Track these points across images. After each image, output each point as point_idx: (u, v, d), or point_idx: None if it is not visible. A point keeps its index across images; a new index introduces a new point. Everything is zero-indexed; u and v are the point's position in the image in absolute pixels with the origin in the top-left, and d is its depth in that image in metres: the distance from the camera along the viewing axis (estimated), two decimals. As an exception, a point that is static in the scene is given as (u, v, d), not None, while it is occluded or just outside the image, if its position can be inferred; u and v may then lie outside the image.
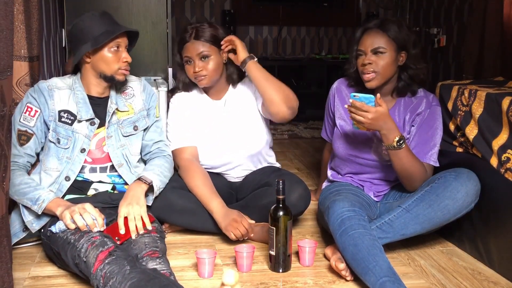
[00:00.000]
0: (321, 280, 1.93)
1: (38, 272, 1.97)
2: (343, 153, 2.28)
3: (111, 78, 2.07)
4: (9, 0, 1.36)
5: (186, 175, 2.28)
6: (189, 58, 2.28)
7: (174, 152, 2.35)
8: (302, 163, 3.72)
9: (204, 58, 2.26)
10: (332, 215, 2.00)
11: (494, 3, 3.40)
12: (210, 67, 2.27)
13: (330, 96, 2.37)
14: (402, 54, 2.14)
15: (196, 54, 2.26)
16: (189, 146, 2.34)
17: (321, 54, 5.76)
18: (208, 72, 2.27)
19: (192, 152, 2.34)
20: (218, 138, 2.37)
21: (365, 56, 2.12)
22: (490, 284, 1.91)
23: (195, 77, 2.29)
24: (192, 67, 2.28)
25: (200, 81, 2.30)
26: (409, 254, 2.15)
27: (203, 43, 2.26)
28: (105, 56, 2.02)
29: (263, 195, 2.26)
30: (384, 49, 2.10)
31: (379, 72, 2.11)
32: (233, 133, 2.37)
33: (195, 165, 2.31)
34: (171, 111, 2.41)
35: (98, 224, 1.86)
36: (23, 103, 2.06)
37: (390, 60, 2.11)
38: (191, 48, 2.27)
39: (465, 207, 2.03)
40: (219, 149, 2.37)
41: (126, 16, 3.01)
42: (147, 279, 1.56)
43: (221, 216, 2.16)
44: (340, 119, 2.30)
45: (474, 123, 2.11)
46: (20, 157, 2.05)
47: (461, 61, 4.06)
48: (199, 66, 2.26)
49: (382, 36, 2.11)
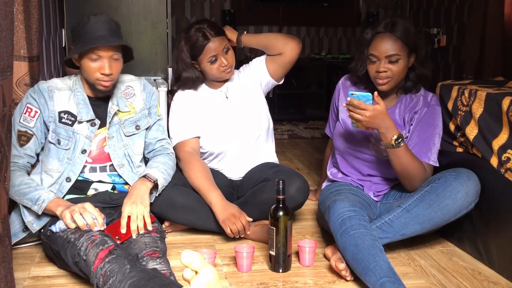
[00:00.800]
0: (321, 280, 1.93)
1: (38, 272, 1.97)
2: (341, 147, 2.29)
3: (93, 85, 2.04)
4: (9, 0, 1.36)
5: (186, 167, 2.30)
6: (214, 56, 2.32)
7: (175, 146, 2.37)
8: (302, 163, 3.72)
9: (227, 51, 2.35)
10: (332, 215, 2.00)
11: (495, 3, 3.40)
12: (231, 57, 2.38)
13: (336, 92, 2.40)
14: (412, 56, 2.14)
15: (222, 50, 2.33)
16: (190, 139, 2.38)
17: (321, 54, 5.76)
18: (232, 63, 2.38)
19: (193, 146, 2.38)
20: (223, 123, 2.42)
21: (379, 62, 2.10)
22: (490, 284, 1.91)
23: (224, 70, 2.35)
24: (218, 63, 2.34)
25: (228, 73, 2.38)
26: (409, 254, 2.15)
27: (222, 38, 2.36)
28: (85, 64, 1.99)
29: (262, 191, 2.27)
30: (399, 56, 2.09)
31: (394, 77, 2.12)
32: (236, 117, 2.43)
33: (195, 158, 2.34)
34: (173, 109, 2.44)
35: (98, 223, 1.86)
36: (23, 104, 2.06)
37: (404, 65, 2.12)
38: (216, 45, 2.32)
39: (465, 207, 2.03)
40: (225, 134, 2.40)
41: (126, 16, 3.01)
42: (147, 278, 1.56)
43: (220, 208, 2.17)
44: (343, 113, 2.31)
45: (474, 123, 2.11)
46: (20, 158, 2.05)
47: (461, 61, 4.06)
48: (226, 59, 2.34)
49: (395, 42, 2.08)
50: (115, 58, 2.01)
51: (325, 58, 5.65)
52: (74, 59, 2.03)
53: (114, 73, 2.01)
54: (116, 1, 3.01)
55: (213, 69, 2.35)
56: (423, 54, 2.16)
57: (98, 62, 1.97)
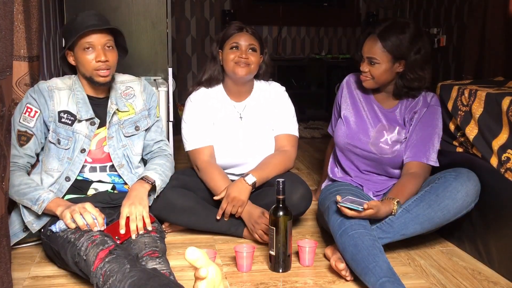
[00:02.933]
0: (321, 280, 1.93)
1: (38, 272, 1.97)
2: (342, 144, 2.30)
3: (91, 79, 2.04)
4: (9, 0, 1.36)
5: (206, 177, 2.30)
6: (238, 45, 2.32)
7: (191, 152, 2.36)
8: (302, 163, 3.72)
9: (253, 50, 2.33)
10: (332, 215, 2.00)
11: (495, 3, 3.40)
12: (253, 58, 2.33)
13: (340, 90, 2.41)
14: (400, 62, 2.14)
15: (248, 43, 2.32)
16: (206, 146, 2.35)
17: (321, 54, 5.76)
18: (252, 62, 2.32)
19: (210, 153, 2.35)
20: (232, 139, 2.38)
21: (363, 61, 2.17)
22: (490, 284, 1.91)
23: (238, 61, 2.30)
24: (237, 52, 2.31)
25: (242, 67, 2.31)
26: (409, 254, 2.15)
27: (255, 39, 2.35)
28: (79, 56, 2.00)
29: (264, 195, 2.27)
30: (377, 60, 2.12)
31: (374, 79, 2.17)
32: (247, 137, 2.39)
33: (214, 167, 2.32)
34: (189, 108, 2.40)
35: (98, 223, 1.86)
36: (23, 104, 2.06)
37: (384, 70, 2.13)
38: (244, 37, 2.33)
39: (465, 207, 2.03)
40: (231, 150, 2.37)
41: (126, 16, 3.01)
42: (146, 278, 1.56)
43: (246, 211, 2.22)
44: (345, 110, 2.32)
45: (474, 123, 2.11)
46: (20, 158, 2.05)
47: (461, 61, 4.06)
48: (246, 54, 2.31)
49: (377, 47, 2.12)
50: (109, 46, 2.02)
51: (325, 58, 5.65)
52: (71, 58, 2.03)
53: (110, 61, 2.01)
54: (116, 1, 3.01)
55: (230, 57, 2.31)
56: (413, 60, 2.12)
57: (92, 52, 1.99)
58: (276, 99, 2.44)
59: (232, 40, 2.33)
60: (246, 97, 2.43)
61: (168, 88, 2.80)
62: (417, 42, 2.12)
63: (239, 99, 2.43)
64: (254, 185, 2.23)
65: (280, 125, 2.42)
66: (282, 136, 2.41)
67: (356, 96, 2.32)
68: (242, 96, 2.43)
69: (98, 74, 2.01)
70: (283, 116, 2.43)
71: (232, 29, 2.35)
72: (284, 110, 2.44)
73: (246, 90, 2.42)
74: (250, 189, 2.22)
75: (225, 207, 2.21)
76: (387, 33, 2.10)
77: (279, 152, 2.38)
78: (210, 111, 2.39)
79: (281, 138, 2.41)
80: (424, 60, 2.14)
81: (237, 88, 2.40)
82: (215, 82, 2.41)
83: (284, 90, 2.48)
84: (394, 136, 2.21)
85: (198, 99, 2.39)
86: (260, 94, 2.44)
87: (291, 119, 2.44)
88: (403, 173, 2.18)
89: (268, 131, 2.42)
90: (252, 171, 2.27)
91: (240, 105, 2.42)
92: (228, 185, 2.23)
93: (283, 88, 2.49)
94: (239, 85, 2.39)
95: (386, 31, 2.11)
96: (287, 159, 2.36)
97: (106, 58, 1.99)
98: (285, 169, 2.35)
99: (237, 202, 2.19)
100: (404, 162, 2.19)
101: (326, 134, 3.89)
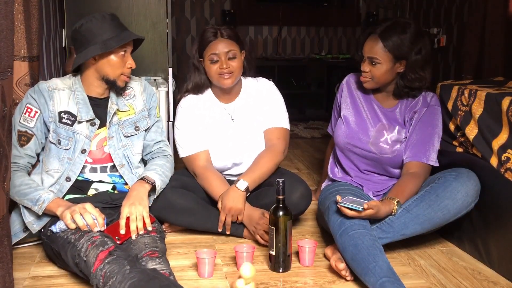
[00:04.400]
0: (321, 280, 1.93)
1: (38, 272, 1.97)
2: (342, 142, 2.30)
3: (113, 82, 2.07)
4: (9, 0, 1.36)
5: (204, 183, 2.30)
6: (216, 56, 2.27)
7: (187, 158, 2.35)
8: (302, 163, 3.72)
9: (233, 58, 2.28)
10: (332, 215, 2.00)
11: (495, 2, 3.40)
12: (235, 65, 2.28)
13: (340, 90, 2.40)
14: (401, 62, 2.14)
15: (226, 51, 2.26)
16: (202, 151, 2.34)
17: (321, 54, 5.76)
18: (235, 69, 2.28)
19: (206, 157, 2.35)
20: (225, 141, 2.37)
21: (364, 61, 2.16)
22: (490, 284, 1.91)
23: (221, 74, 2.27)
24: (218, 64, 2.27)
25: (226, 79, 2.28)
26: (409, 254, 2.15)
27: (231, 42, 2.28)
28: (111, 60, 2.02)
29: (264, 195, 2.28)
30: (378, 60, 2.12)
31: (374, 79, 2.16)
32: (239, 138, 2.38)
33: (211, 172, 2.32)
34: (180, 114, 2.39)
35: (99, 223, 1.86)
36: (23, 104, 2.06)
37: (385, 70, 2.13)
38: (220, 44, 2.27)
39: (465, 207, 2.03)
40: (226, 152, 2.37)
41: (126, 16, 3.01)
42: (147, 279, 1.56)
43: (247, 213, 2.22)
44: (345, 110, 2.32)
45: (474, 123, 2.11)
46: (21, 158, 2.05)
47: (461, 61, 4.06)
48: (227, 64, 2.26)
49: (379, 47, 2.11)
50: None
51: (325, 58, 5.65)
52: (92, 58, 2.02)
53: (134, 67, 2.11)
54: (116, 1, 3.01)
55: (212, 70, 2.28)
56: (414, 60, 2.12)
57: (123, 57, 2.05)
58: (265, 95, 2.42)
59: (210, 52, 2.27)
60: (235, 98, 2.42)
61: (168, 88, 2.80)
62: (418, 42, 2.12)
63: (229, 101, 2.42)
64: (247, 189, 2.22)
65: (268, 119, 2.40)
66: (269, 130, 2.39)
67: (356, 96, 2.32)
68: (232, 97, 2.42)
69: (124, 79, 2.09)
70: (271, 110, 2.41)
71: (208, 36, 2.29)
72: (273, 104, 2.42)
73: (235, 91, 2.41)
74: (244, 195, 2.21)
75: (223, 219, 2.21)
76: (388, 33, 2.10)
77: (266, 149, 2.37)
78: (201, 116, 2.38)
79: (269, 132, 2.39)
80: (424, 60, 2.14)
81: (225, 91, 2.39)
82: (203, 89, 2.40)
83: (272, 84, 2.46)
84: (394, 136, 2.21)
85: (188, 105, 2.39)
86: (249, 93, 2.43)
87: (280, 112, 2.42)
88: (403, 173, 2.18)
89: (260, 129, 2.41)
90: (242, 176, 2.26)
91: (230, 106, 2.41)
92: (222, 195, 2.22)
93: (271, 82, 2.47)
94: (227, 89, 2.38)
95: (387, 31, 2.11)
96: (275, 154, 2.33)
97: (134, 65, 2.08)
98: (275, 164, 2.33)
99: (235, 211, 2.19)
100: (404, 162, 2.19)
101: (326, 134, 3.89)
